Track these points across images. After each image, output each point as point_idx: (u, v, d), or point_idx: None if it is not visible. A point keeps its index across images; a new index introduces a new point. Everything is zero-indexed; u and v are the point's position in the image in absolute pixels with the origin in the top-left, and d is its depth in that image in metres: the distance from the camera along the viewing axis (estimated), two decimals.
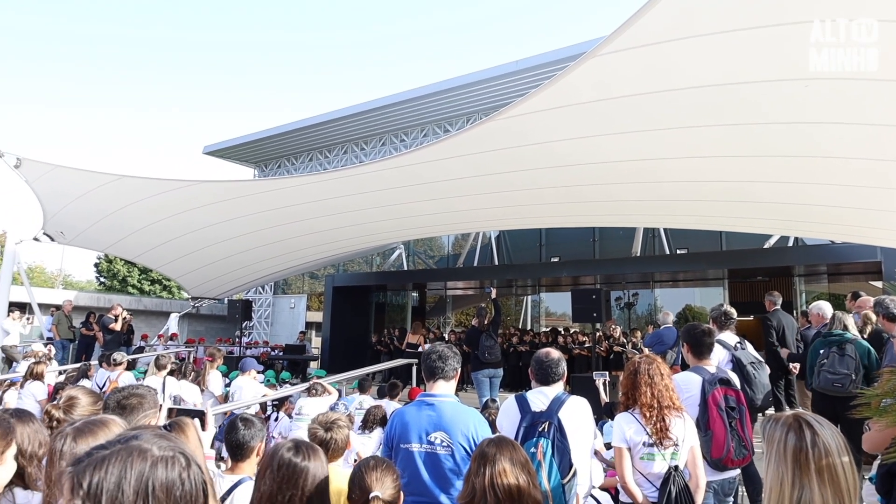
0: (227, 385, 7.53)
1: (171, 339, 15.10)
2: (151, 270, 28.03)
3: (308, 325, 19.99)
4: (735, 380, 3.77)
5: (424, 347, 11.94)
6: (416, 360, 9.34)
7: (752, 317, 11.84)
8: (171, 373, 6.95)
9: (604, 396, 6.19)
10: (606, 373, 6.56)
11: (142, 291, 32.42)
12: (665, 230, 12.66)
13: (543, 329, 15.32)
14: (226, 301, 17.26)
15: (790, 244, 11.16)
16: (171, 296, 31.41)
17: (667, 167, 6.27)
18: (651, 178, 6.68)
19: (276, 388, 8.43)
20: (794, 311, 11.57)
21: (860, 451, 3.11)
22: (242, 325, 14.77)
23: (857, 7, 3.52)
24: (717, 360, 4.17)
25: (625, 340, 11.84)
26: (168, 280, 29.29)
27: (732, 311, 5.09)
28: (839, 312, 5.39)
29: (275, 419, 7.00)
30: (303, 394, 6.57)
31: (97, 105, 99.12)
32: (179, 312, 16.58)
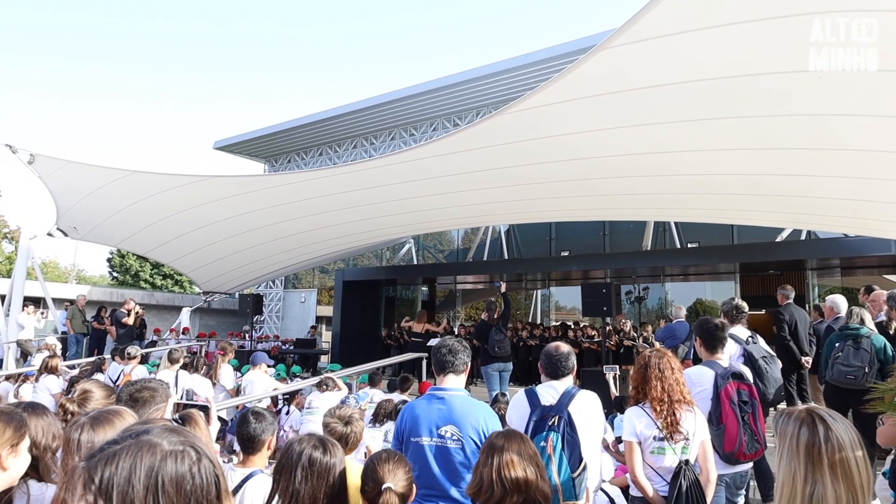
0: (239, 379, 7.59)
1: (183, 334, 15.23)
2: (163, 265, 28.27)
3: (318, 320, 20.06)
4: (748, 374, 3.75)
5: (441, 330, 11.94)
6: (427, 355, 9.36)
7: (764, 311, 11.75)
8: (184, 366, 7.01)
9: (614, 391, 6.18)
10: (616, 367, 6.55)
11: (154, 286, 32.67)
12: (676, 224, 12.57)
13: (553, 323, 15.29)
14: (237, 295, 17.36)
15: (803, 237, 11.05)
16: (183, 290, 31.66)
17: (683, 160, 6.21)
18: (665, 172, 6.63)
19: (287, 382, 8.48)
20: (807, 306, 11.45)
21: (873, 446, 3.09)
22: (253, 320, 14.86)
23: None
24: (729, 355, 4.15)
25: (635, 335, 11.79)
26: (180, 275, 29.49)
27: (744, 305, 5.05)
28: (856, 307, 5.40)
29: (286, 413, 7.04)
30: (313, 388, 6.60)
31: (107, 99, 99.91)
32: (191, 307, 16.67)
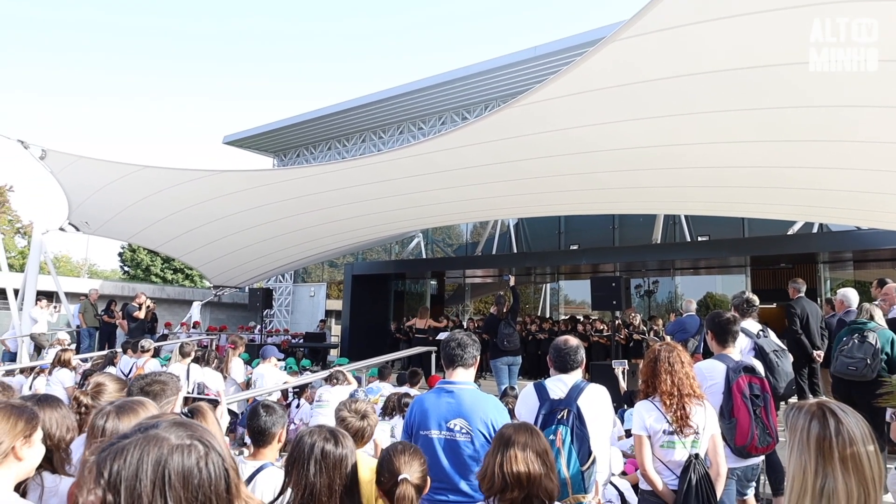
0: (249, 372, 7.64)
1: (194, 327, 15.32)
2: (174, 260, 28.44)
3: (328, 314, 20.12)
4: (759, 367, 3.73)
5: (448, 324, 11.92)
6: (435, 349, 9.38)
7: (775, 304, 11.68)
8: (195, 360, 7.07)
9: (622, 384, 6.17)
10: (625, 361, 6.54)
11: (165, 280, 32.92)
12: (686, 217, 12.49)
13: (562, 317, 15.27)
14: (247, 290, 17.43)
15: (815, 231, 10.96)
16: (194, 284, 31.86)
17: (693, 152, 6.17)
18: (675, 164, 6.58)
19: (297, 376, 8.54)
20: (819, 299, 11.34)
21: (882, 438, 3.07)
22: (263, 314, 14.92)
23: None
24: (740, 348, 4.13)
25: (645, 328, 11.76)
26: (190, 269, 29.71)
27: (754, 299, 5.03)
28: (867, 304, 5.45)
29: (296, 406, 7.09)
30: (323, 381, 6.63)
31: (117, 96, 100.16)
32: (202, 301, 16.77)
